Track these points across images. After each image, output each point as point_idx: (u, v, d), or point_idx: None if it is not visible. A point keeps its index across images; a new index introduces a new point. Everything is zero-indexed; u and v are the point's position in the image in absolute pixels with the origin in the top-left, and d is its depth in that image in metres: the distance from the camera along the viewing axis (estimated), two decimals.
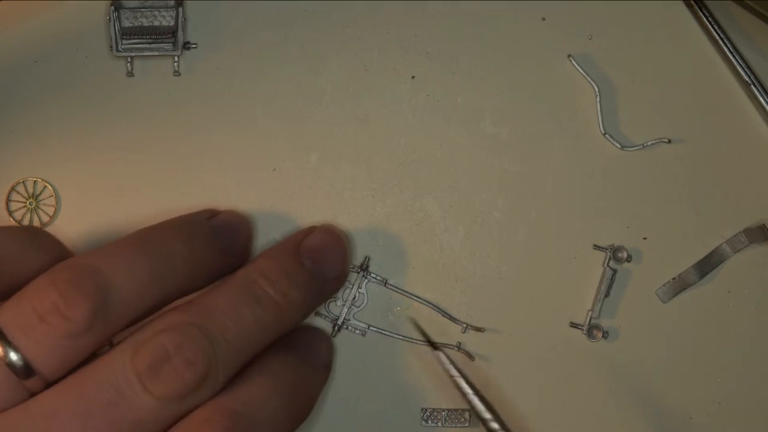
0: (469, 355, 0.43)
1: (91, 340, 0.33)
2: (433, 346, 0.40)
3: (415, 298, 0.43)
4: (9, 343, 0.32)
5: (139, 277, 0.34)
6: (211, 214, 0.40)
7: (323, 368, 0.41)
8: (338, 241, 0.40)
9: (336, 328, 0.42)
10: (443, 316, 0.43)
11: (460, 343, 0.43)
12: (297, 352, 0.39)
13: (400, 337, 0.43)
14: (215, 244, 0.38)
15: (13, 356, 0.32)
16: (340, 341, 0.43)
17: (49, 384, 0.33)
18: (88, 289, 0.33)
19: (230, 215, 0.40)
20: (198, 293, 0.37)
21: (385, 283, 0.43)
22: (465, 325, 0.43)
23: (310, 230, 0.41)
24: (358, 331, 0.43)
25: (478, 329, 0.43)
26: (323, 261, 0.39)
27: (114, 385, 0.33)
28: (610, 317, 0.43)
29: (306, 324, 0.42)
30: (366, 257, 0.43)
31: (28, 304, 0.33)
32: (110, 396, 0.32)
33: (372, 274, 0.43)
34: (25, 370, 0.32)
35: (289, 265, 0.38)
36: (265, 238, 0.43)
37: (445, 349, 0.41)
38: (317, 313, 0.43)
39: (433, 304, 0.43)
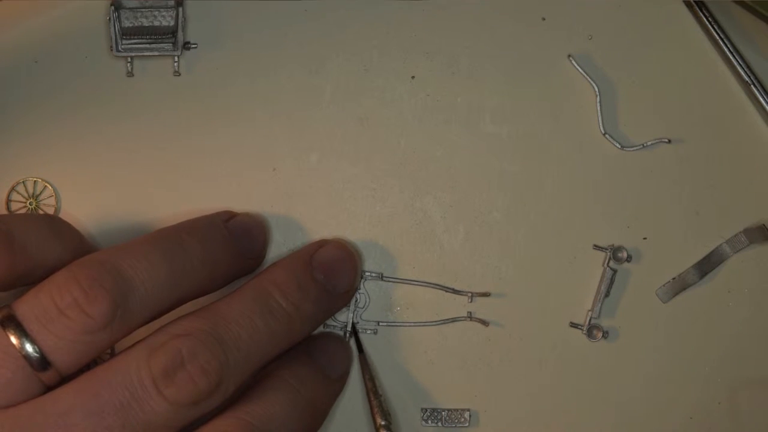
0: (483, 322, 0.43)
1: (108, 337, 0.34)
2: (360, 349, 0.42)
3: (414, 282, 0.43)
4: (26, 335, 0.32)
5: (158, 276, 0.35)
6: (228, 216, 0.40)
7: (339, 380, 0.41)
8: (349, 256, 0.41)
9: (347, 334, 0.42)
10: (447, 291, 0.43)
11: (470, 312, 0.43)
12: (316, 364, 0.40)
13: (411, 324, 0.43)
14: (232, 247, 0.39)
15: (30, 348, 0.33)
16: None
17: (63, 378, 0.34)
18: (109, 286, 0.33)
19: (247, 218, 0.41)
20: (212, 298, 0.38)
21: (381, 276, 0.43)
22: (470, 294, 0.43)
23: (322, 243, 0.41)
24: (369, 331, 0.43)
25: (484, 294, 0.43)
26: (334, 275, 0.40)
27: (128, 387, 0.33)
28: (610, 317, 0.43)
29: (327, 332, 0.42)
30: None
31: (48, 297, 0.33)
32: (124, 398, 0.33)
33: (367, 272, 0.43)
34: (41, 363, 0.33)
35: (302, 278, 0.39)
36: None
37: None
38: (326, 325, 0.43)
39: (432, 283, 0.43)
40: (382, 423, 0.41)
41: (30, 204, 0.43)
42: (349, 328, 0.43)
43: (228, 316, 0.36)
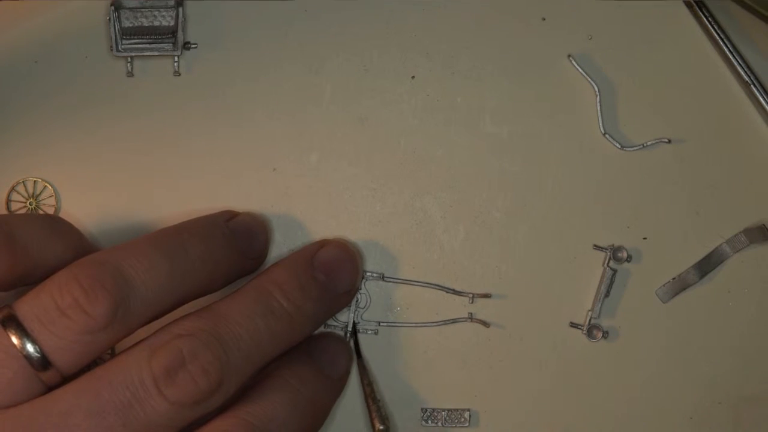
0: (484, 323, 0.43)
1: (109, 337, 0.34)
2: (359, 355, 0.42)
3: (415, 283, 0.43)
4: (27, 335, 0.32)
5: (159, 276, 0.35)
6: (230, 216, 0.40)
7: (340, 380, 0.41)
8: (351, 256, 0.41)
9: (348, 333, 0.42)
10: (447, 292, 0.43)
11: (471, 313, 0.43)
12: (317, 364, 0.40)
13: (412, 324, 0.43)
14: (233, 246, 0.39)
15: (30, 348, 0.33)
16: None
17: (64, 378, 0.34)
18: (110, 286, 0.33)
19: (248, 217, 0.41)
20: (213, 298, 0.38)
21: (383, 277, 0.43)
22: (471, 295, 0.43)
23: (323, 243, 0.41)
24: (370, 331, 0.43)
25: (485, 296, 0.43)
26: (336, 275, 0.40)
27: (129, 387, 0.33)
28: (610, 317, 0.43)
29: (328, 332, 0.42)
30: None
31: (49, 297, 0.33)
32: (125, 398, 0.33)
33: (368, 272, 0.43)
34: (42, 363, 0.33)
35: (303, 278, 0.38)
36: None
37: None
38: (326, 325, 0.43)
39: (434, 284, 0.43)
40: (381, 428, 0.41)
41: (30, 204, 0.43)
42: (350, 328, 0.43)
43: (229, 316, 0.36)
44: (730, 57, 0.42)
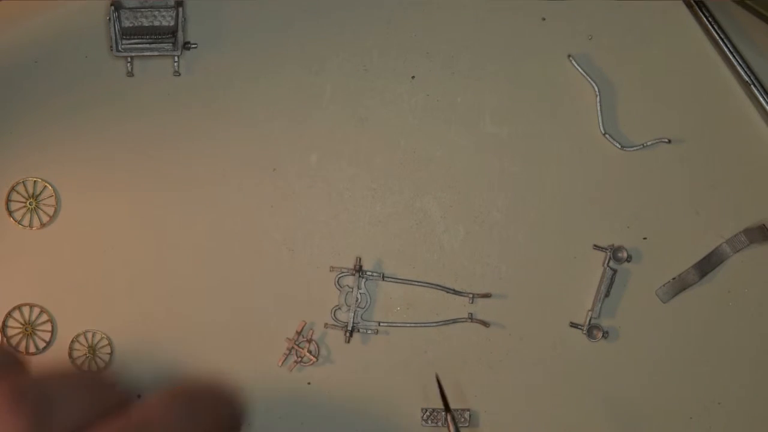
0: (485, 323, 0.43)
1: None
2: (447, 407, 0.39)
3: (415, 283, 0.43)
4: None
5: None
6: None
7: None
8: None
9: (348, 333, 0.42)
10: (447, 292, 0.43)
11: (471, 313, 0.43)
12: None
13: (412, 324, 0.43)
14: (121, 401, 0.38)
15: None
16: (345, 344, 0.43)
17: None
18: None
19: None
20: None
21: (383, 276, 0.43)
22: (471, 295, 0.43)
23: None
24: (370, 331, 0.43)
25: (485, 296, 0.43)
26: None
27: None
28: (610, 317, 0.43)
29: None
30: (357, 258, 0.43)
31: None
32: None
33: (368, 272, 0.43)
34: None
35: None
36: (265, 237, 0.43)
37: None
38: (326, 325, 0.43)
39: (433, 284, 0.43)
40: None
41: (30, 204, 0.43)
42: (349, 328, 0.43)
43: None
44: (730, 57, 0.42)
